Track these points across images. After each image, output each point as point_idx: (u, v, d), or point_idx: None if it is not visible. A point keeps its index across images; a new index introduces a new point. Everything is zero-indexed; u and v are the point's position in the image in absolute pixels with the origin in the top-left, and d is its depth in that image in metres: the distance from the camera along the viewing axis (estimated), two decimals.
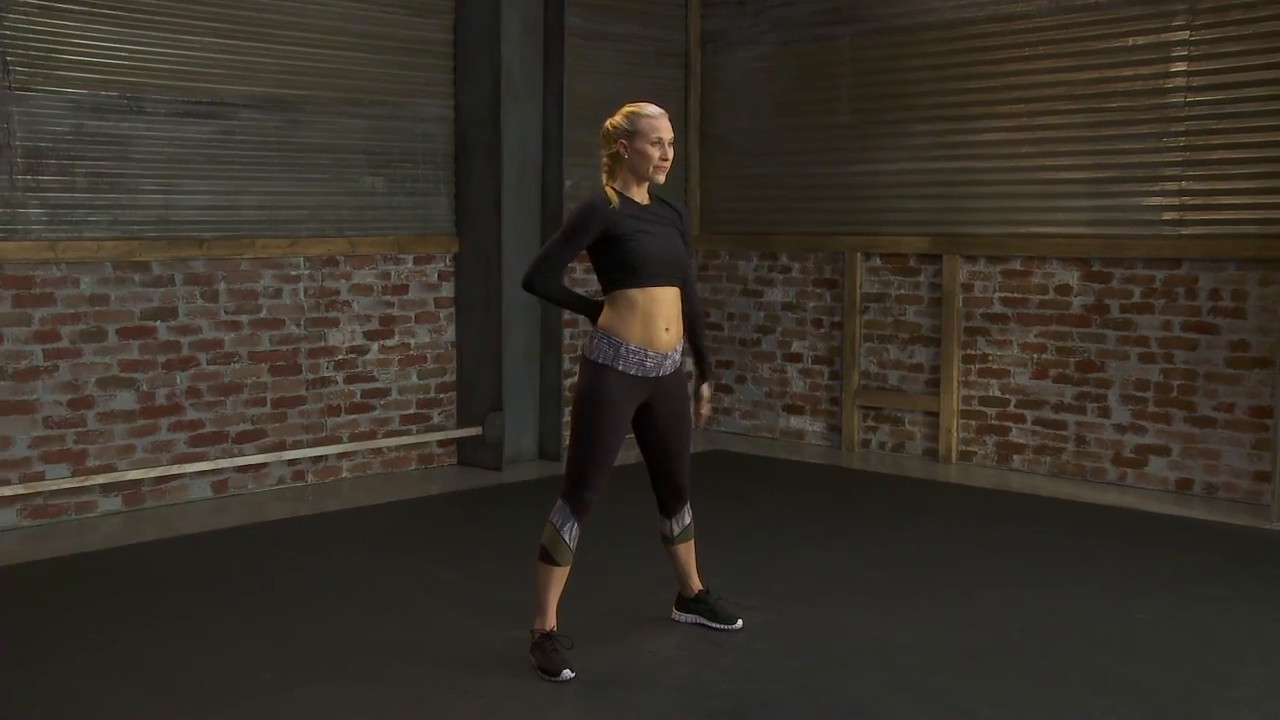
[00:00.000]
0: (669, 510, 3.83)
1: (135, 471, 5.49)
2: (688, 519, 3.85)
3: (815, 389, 7.24)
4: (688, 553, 3.90)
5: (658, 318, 3.53)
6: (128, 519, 5.38)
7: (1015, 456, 6.45)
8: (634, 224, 3.52)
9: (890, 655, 3.74)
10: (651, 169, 3.52)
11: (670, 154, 3.55)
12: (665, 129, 3.53)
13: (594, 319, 3.58)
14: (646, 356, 3.53)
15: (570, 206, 6.66)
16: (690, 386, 3.81)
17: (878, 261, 6.94)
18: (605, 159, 3.59)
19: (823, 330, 7.20)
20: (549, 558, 3.59)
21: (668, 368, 3.61)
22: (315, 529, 5.27)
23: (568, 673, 3.52)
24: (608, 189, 3.55)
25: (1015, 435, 6.45)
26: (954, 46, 6.56)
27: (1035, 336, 6.36)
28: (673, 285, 3.58)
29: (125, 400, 5.50)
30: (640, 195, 3.58)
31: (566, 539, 3.56)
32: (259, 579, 4.52)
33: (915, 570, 4.62)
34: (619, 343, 3.49)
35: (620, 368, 3.51)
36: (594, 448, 3.49)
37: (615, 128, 3.57)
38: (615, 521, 5.13)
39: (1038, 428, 6.37)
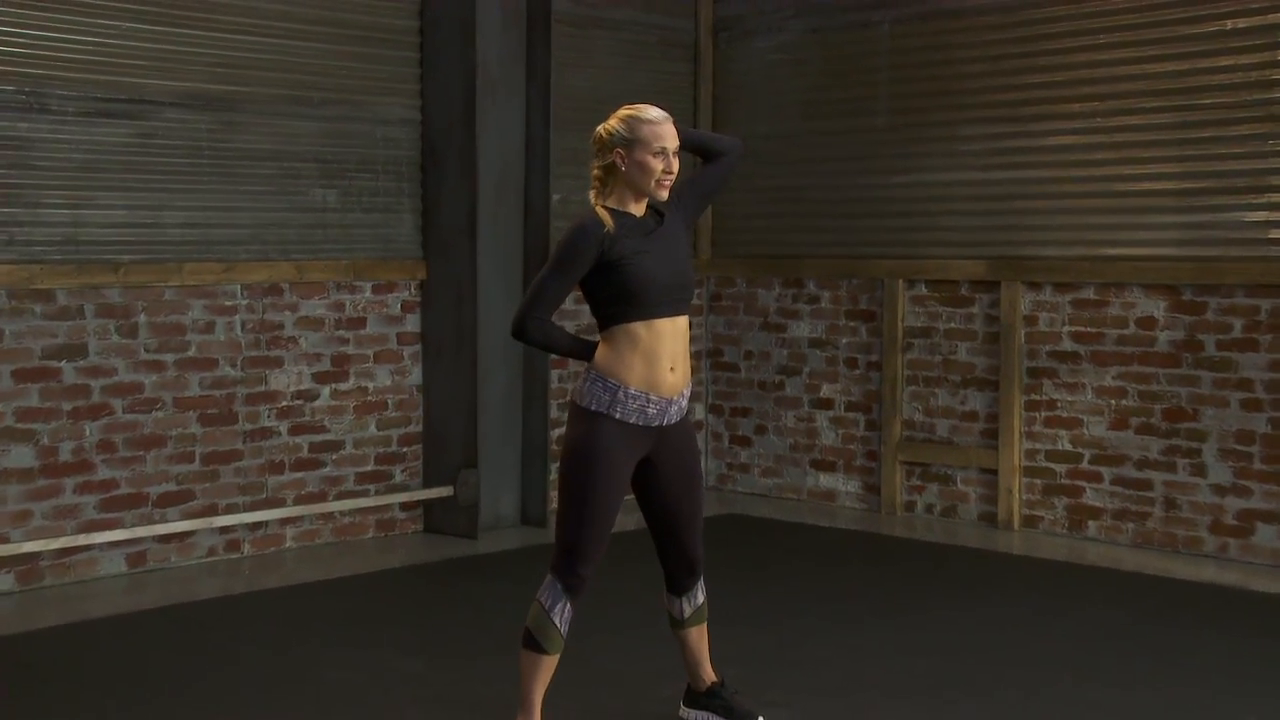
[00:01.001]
0: (679, 587, 3.81)
1: (33, 543, 5.45)
2: (701, 598, 3.84)
3: (849, 441, 7.23)
4: (700, 638, 3.89)
5: (662, 356, 3.54)
6: (23, 600, 5.33)
7: (1090, 523, 6.43)
8: (632, 245, 3.53)
9: None
10: (653, 184, 3.54)
11: (675, 166, 3.57)
12: (670, 137, 3.55)
13: (590, 358, 3.60)
14: (649, 402, 3.54)
15: (558, 231, 6.66)
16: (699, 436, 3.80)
17: (923, 289, 6.94)
18: (596, 171, 3.60)
19: (858, 371, 7.20)
20: (535, 644, 3.58)
21: (673, 415, 3.62)
22: (253, 610, 5.25)
23: None
24: (598, 209, 3.55)
25: (1090, 497, 6.43)
26: (1013, 34, 6.58)
27: (1113, 379, 6.35)
28: (681, 314, 3.59)
29: (22, 456, 5.45)
30: (637, 208, 3.61)
31: (557, 622, 3.55)
32: (184, 672, 4.49)
33: (969, 661, 4.60)
34: (616, 386, 3.51)
35: (618, 415, 3.51)
36: (588, 512, 3.49)
37: (610, 134, 3.57)
38: (613, 598, 5.11)
39: (1117, 488, 6.35)
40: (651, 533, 3.76)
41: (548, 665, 3.59)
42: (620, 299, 3.52)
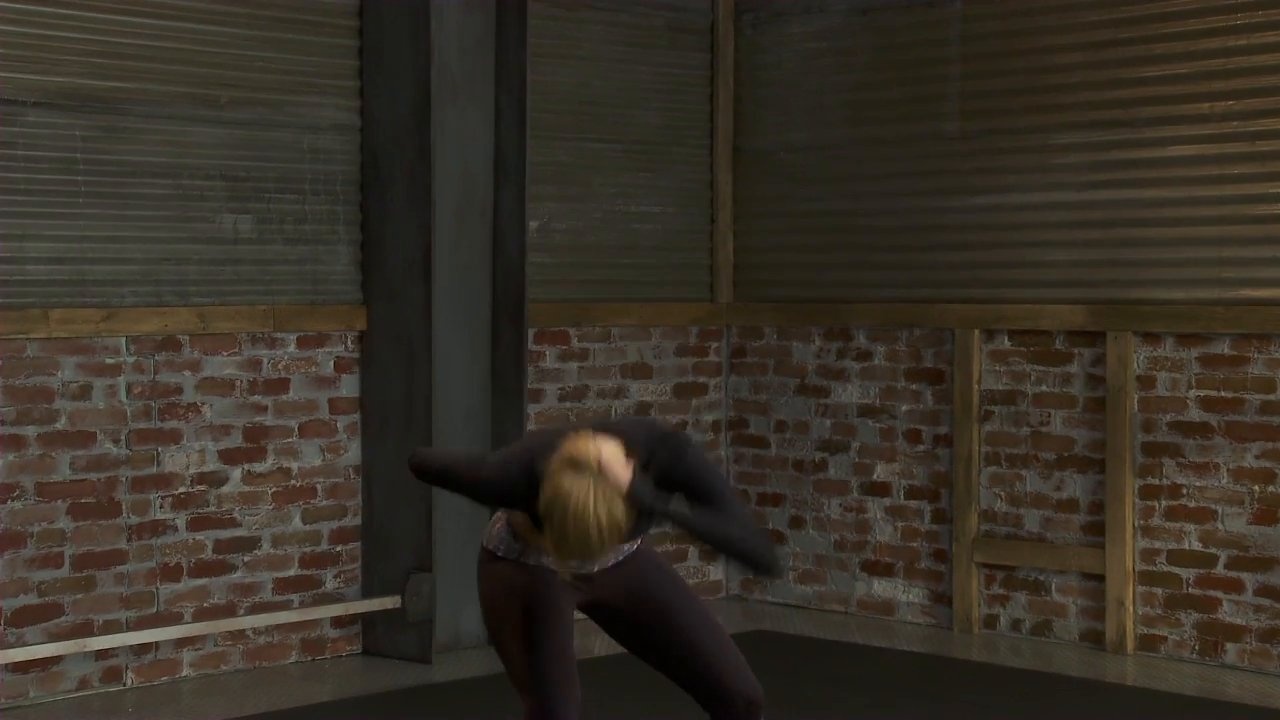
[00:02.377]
0: None
1: None
2: None
3: (911, 538, 7.17)
4: None
5: None
6: None
7: (1229, 646, 6.38)
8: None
9: None
10: None
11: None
12: (586, 562, 3.56)
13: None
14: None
15: (536, 269, 6.63)
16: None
17: (1006, 343, 6.92)
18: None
19: (922, 448, 7.13)
20: None
21: (609, 561, 3.69)
22: None
23: None
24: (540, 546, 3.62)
25: (1228, 612, 6.37)
26: (1122, 14, 6.60)
27: (1256, 458, 6.32)
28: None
29: None
30: None
31: None
32: None
33: None
34: (527, 543, 3.65)
35: (531, 562, 3.65)
36: (535, 651, 3.58)
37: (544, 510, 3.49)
38: None
39: (1265, 600, 6.30)
40: (681, 687, 3.79)
41: None
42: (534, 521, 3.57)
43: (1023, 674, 6.28)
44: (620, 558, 3.71)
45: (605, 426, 3.55)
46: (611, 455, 3.41)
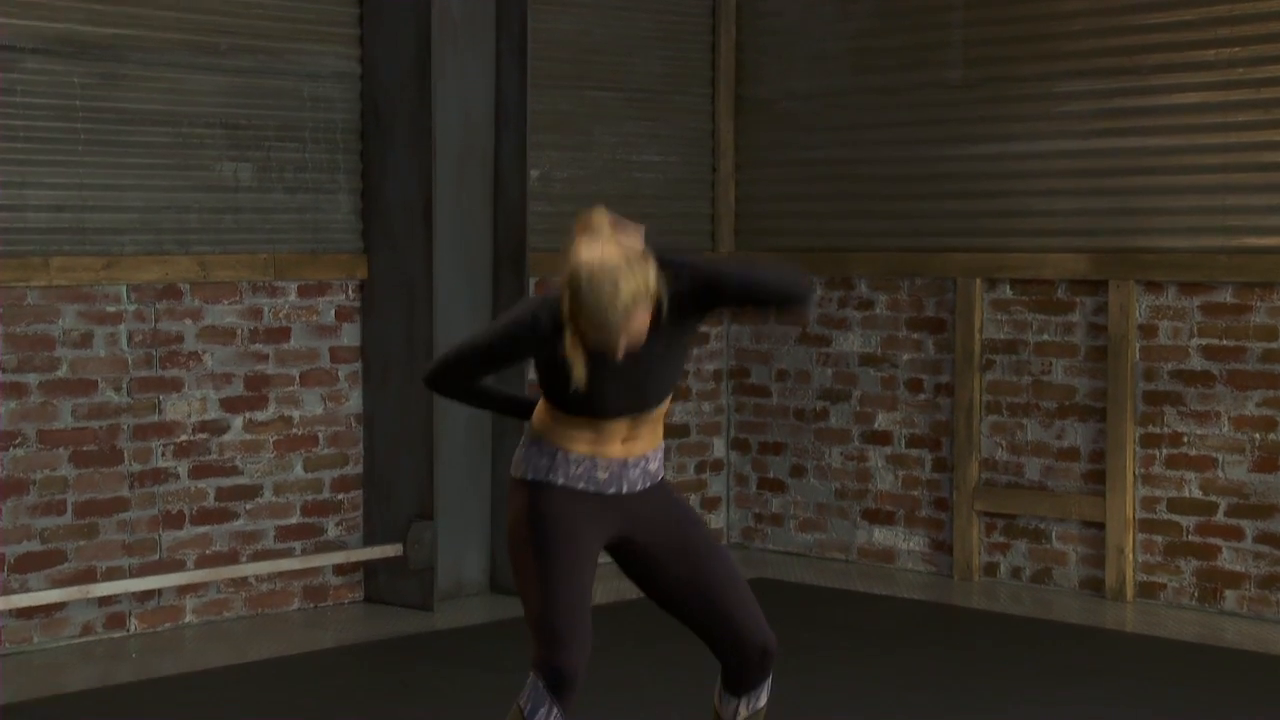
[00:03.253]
0: (743, 684, 3.81)
1: None
2: (763, 700, 3.86)
3: (912, 486, 7.19)
4: None
5: (610, 438, 3.64)
6: None
7: (1229, 593, 6.40)
8: (594, 360, 3.56)
9: None
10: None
11: (628, 340, 3.46)
12: (624, 330, 3.42)
13: (526, 418, 3.72)
14: (596, 466, 3.63)
15: (537, 219, 6.67)
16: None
17: (1007, 292, 6.92)
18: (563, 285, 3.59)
19: (923, 396, 7.15)
20: None
21: (635, 481, 3.68)
22: (142, 705, 5.22)
23: None
24: (567, 335, 3.53)
25: (1227, 559, 6.39)
26: None
27: (1257, 406, 6.33)
28: (647, 412, 3.65)
29: None
30: None
31: None
32: None
33: None
34: (555, 449, 3.62)
35: (560, 482, 3.61)
36: (550, 589, 3.55)
37: (563, 278, 3.48)
38: (608, 686, 5.00)
39: (1264, 548, 6.30)
40: (695, 631, 3.79)
41: None
42: (563, 397, 3.58)
43: (1022, 621, 6.31)
44: (647, 482, 3.67)
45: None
46: (624, 222, 3.46)
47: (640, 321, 3.47)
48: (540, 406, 3.67)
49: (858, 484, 7.39)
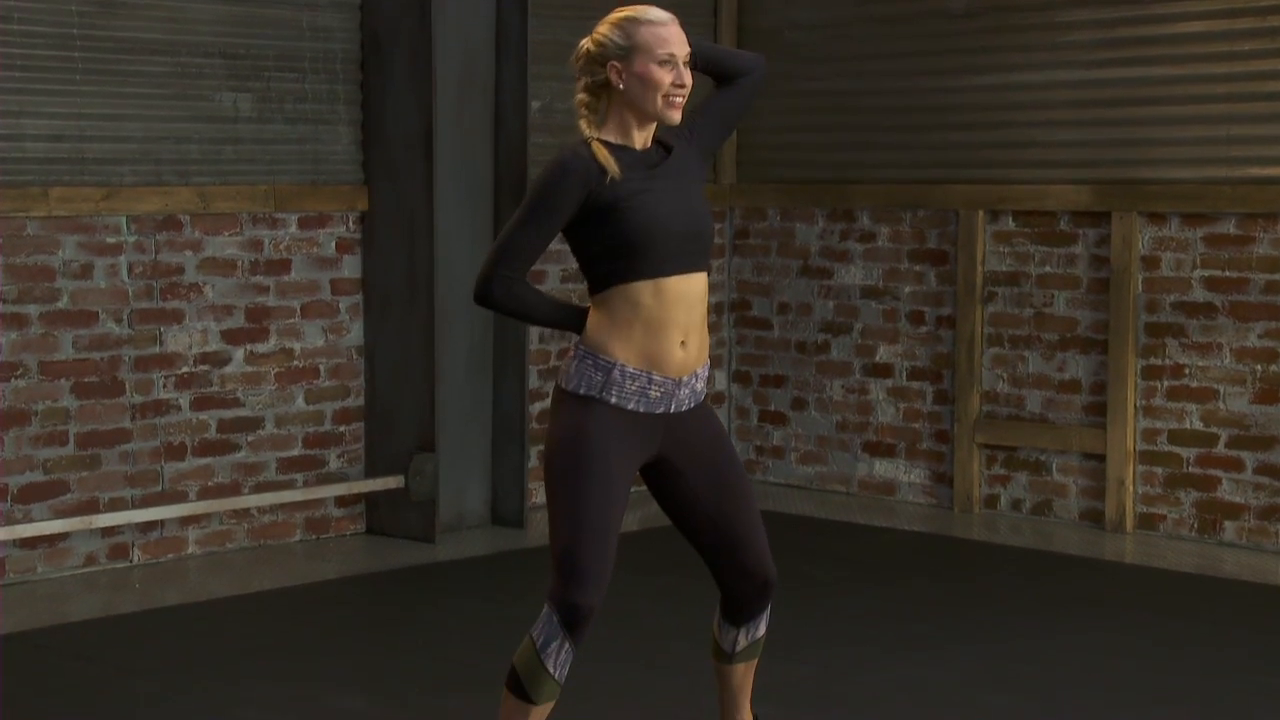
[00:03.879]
0: (742, 615, 3.84)
1: None
2: (762, 629, 3.89)
3: (913, 419, 7.22)
4: (746, 676, 3.93)
5: (670, 326, 3.60)
6: None
7: (1228, 524, 6.43)
8: (632, 184, 3.57)
9: None
10: (661, 102, 3.58)
11: (688, 78, 3.61)
12: (679, 41, 3.61)
13: (578, 329, 3.66)
14: (651, 383, 3.60)
15: (537, 150, 6.64)
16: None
17: (1010, 223, 6.92)
18: (583, 95, 3.63)
19: (924, 329, 7.16)
20: (521, 691, 3.58)
21: (684, 400, 3.66)
22: (145, 634, 5.25)
23: None
24: (591, 142, 3.58)
25: (1227, 491, 6.41)
26: None
27: (1259, 338, 6.34)
28: (698, 271, 3.64)
29: None
30: (640, 138, 3.66)
31: (550, 666, 3.55)
32: (55, 717, 4.46)
33: (1067, 701, 4.58)
34: (611, 364, 3.58)
35: (613, 400, 3.58)
36: (581, 520, 3.53)
37: (601, 45, 3.61)
38: (611, 619, 5.02)
39: (1264, 479, 6.32)
40: (701, 554, 3.80)
41: (535, 717, 3.59)
42: (617, 254, 3.55)
43: (1022, 552, 6.33)
44: (694, 401, 3.65)
45: None
46: None
47: (685, 42, 3.57)
48: (593, 315, 3.61)
49: (859, 417, 7.41)
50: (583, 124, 3.61)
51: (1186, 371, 6.50)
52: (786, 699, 4.44)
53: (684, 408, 3.65)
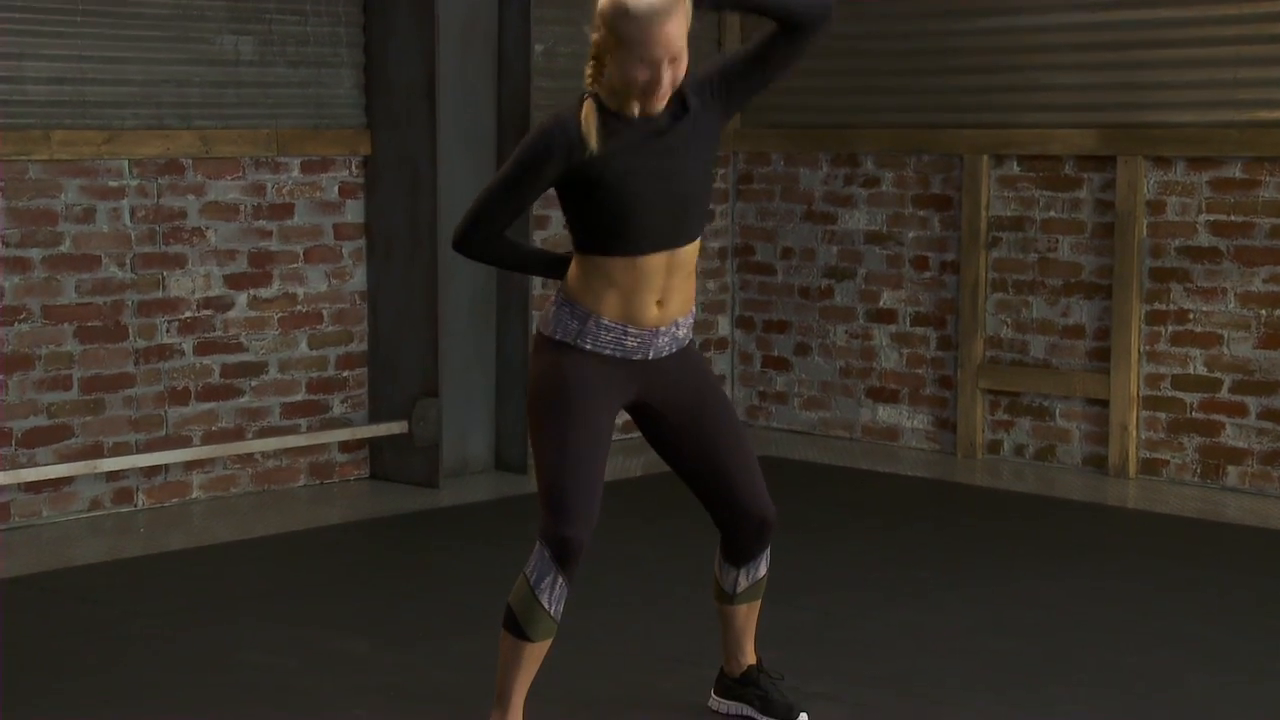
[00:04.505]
0: (742, 555, 3.86)
1: None
2: (763, 570, 3.91)
3: (916, 364, 7.23)
4: (749, 617, 3.97)
5: (646, 292, 3.60)
6: None
7: (1230, 469, 6.44)
8: (619, 161, 3.51)
9: None
10: (640, 97, 3.49)
11: (670, 75, 3.46)
12: (665, 41, 3.42)
13: (560, 276, 3.67)
14: (627, 334, 3.62)
15: (540, 95, 6.62)
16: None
17: (1014, 168, 6.92)
18: (593, 45, 3.56)
19: (928, 274, 7.17)
20: (517, 628, 3.61)
21: (663, 347, 3.68)
22: (150, 578, 5.27)
23: None
24: (584, 103, 3.52)
25: (1230, 436, 6.43)
26: None
27: (1264, 283, 6.34)
28: (681, 246, 3.61)
29: None
30: (638, 107, 3.57)
31: (545, 602, 3.59)
32: (61, 657, 4.50)
33: (1069, 646, 4.59)
34: (587, 314, 3.60)
35: (588, 346, 3.60)
36: (565, 458, 3.56)
37: (596, 28, 3.51)
38: (613, 562, 5.10)
39: (1267, 424, 6.34)
40: (697, 497, 3.81)
41: (533, 654, 3.62)
42: (595, 229, 3.56)
43: (1025, 498, 6.35)
44: (674, 347, 3.66)
45: None
46: None
47: (679, 37, 3.42)
48: (574, 265, 3.62)
49: (862, 362, 7.41)
50: (587, 72, 3.56)
51: (1191, 316, 6.49)
52: (788, 643, 4.46)
53: (663, 354, 3.66)
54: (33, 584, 5.14)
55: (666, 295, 3.60)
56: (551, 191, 3.59)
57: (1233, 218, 6.37)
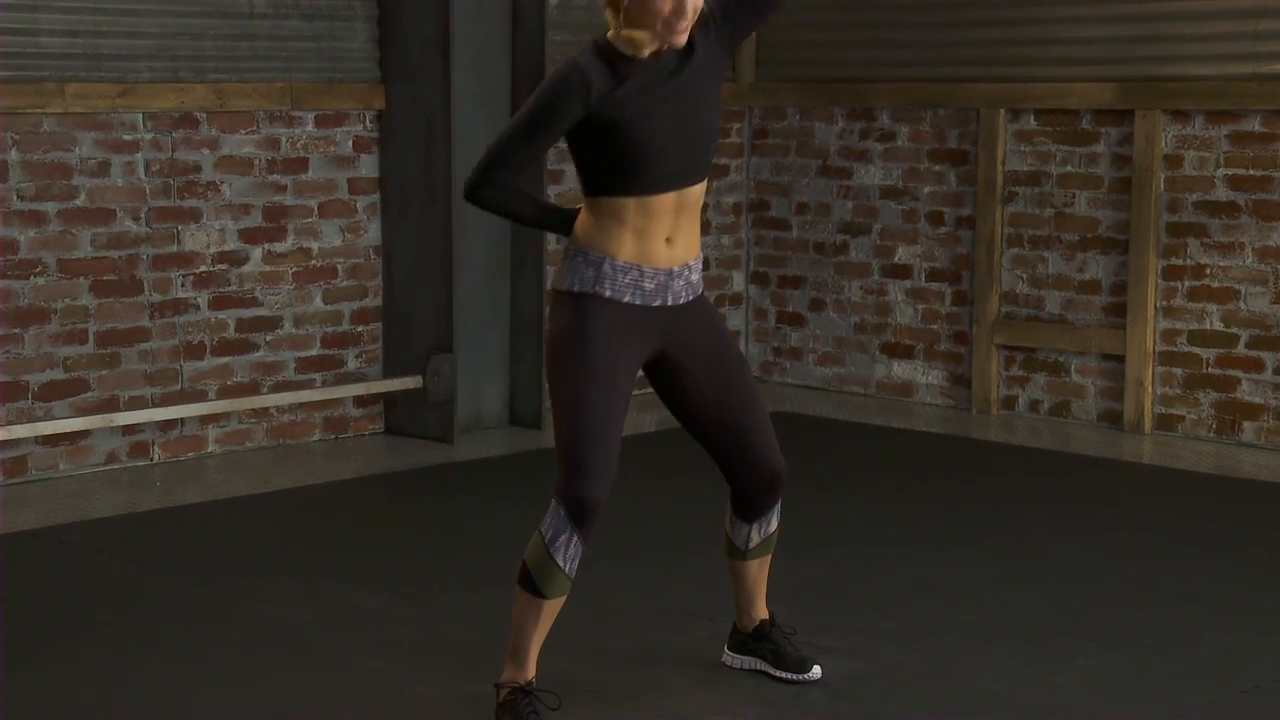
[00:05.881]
0: (752, 510, 3.88)
1: None
2: (774, 525, 3.92)
3: (931, 320, 7.23)
4: (760, 572, 3.98)
5: (656, 230, 3.61)
6: None
7: (1246, 425, 6.45)
8: (635, 103, 3.53)
9: None
10: (662, 29, 3.51)
11: (690, 8, 3.49)
12: None
13: (567, 233, 3.68)
14: (643, 275, 3.62)
15: (555, 48, 6.60)
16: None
17: (1031, 122, 6.90)
18: None
19: (944, 230, 7.16)
20: (532, 585, 3.61)
21: (680, 292, 3.68)
22: (166, 532, 5.30)
23: None
24: (606, 39, 3.56)
25: (1246, 391, 6.44)
26: None
27: None
28: (692, 185, 3.63)
29: None
30: (654, 46, 3.59)
31: (560, 561, 3.59)
32: (78, 610, 4.52)
33: (1083, 601, 4.61)
34: (600, 259, 3.59)
35: (608, 293, 3.59)
36: (584, 415, 3.56)
37: None
38: (625, 517, 5.11)
39: None
40: (709, 452, 3.82)
41: (548, 611, 3.63)
42: (609, 170, 3.56)
43: (1040, 453, 6.36)
44: (690, 294, 3.65)
45: None
46: None
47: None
48: (583, 215, 3.62)
49: (877, 318, 7.41)
50: (608, 12, 3.56)
51: (1208, 272, 6.48)
52: (801, 598, 4.47)
53: (680, 300, 3.66)
54: (50, 536, 5.17)
55: (675, 234, 3.61)
56: (564, 144, 3.59)
57: (1251, 172, 6.34)
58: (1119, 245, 6.69)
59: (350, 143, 6.52)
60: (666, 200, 3.57)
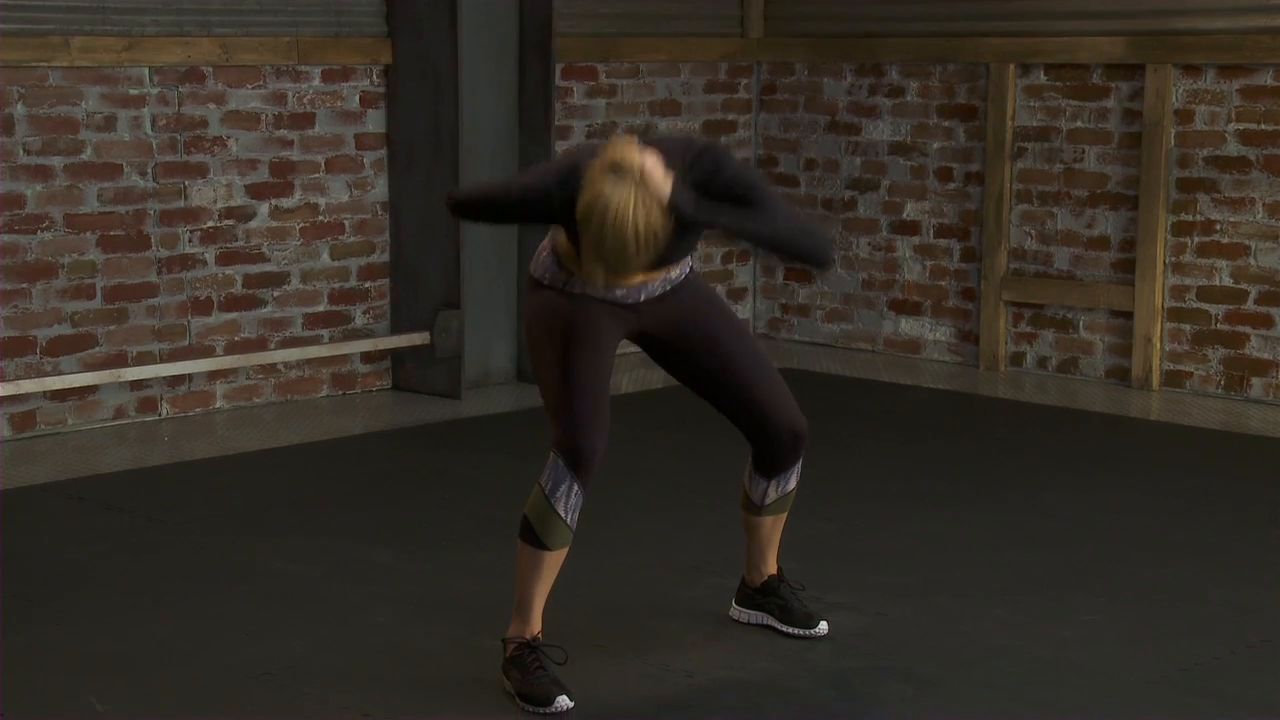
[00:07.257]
0: (774, 467, 3.88)
1: None
2: (793, 483, 3.93)
3: (940, 276, 7.22)
4: (774, 529, 3.99)
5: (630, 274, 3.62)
6: None
7: (1255, 381, 6.43)
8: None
9: (1051, 682, 3.71)
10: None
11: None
12: (629, 271, 3.41)
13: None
14: (612, 289, 3.64)
15: (563, 3, 6.50)
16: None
17: (1041, 77, 6.88)
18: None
19: (952, 185, 7.13)
20: (534, 538, 3.63)
21: (655, 289, 3.69)
22: (175, 487, 5.30)
23: (564, 700, 3.57)
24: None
25: (1255, 348, 6.43)
26: None
27: None
28: (657, 269, 3.65)
29: None
30: None
31: (560, 510, 3.60)
32: (87, 565, 4.53)
33: (1090, 557, 4.61)
34: (574, 273, 3.62)
35: (578, 291, 3.63)
36: (570, 380, 3.60)
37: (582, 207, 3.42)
38: (632, 473, 5.11)
39: None
40: (727, 417, 3.83)
41: (551, 563, 3.63)
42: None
43: (1048, 410, 6.36)
44: (667, 287, 3.69)
45: (645, 142, 3.44)
46: (653, 165, 3.32)
47: (648, 262, 3.40)
48: (562, 231, 3.62)
49: (885, 274, 7.40)
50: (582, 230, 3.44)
51: (1217, 227, 6.46)
52: (810, 554, 4.48)
53: (655, 294, 3.67)
54: (59, 491, 5.18)
55: (649, 276, 3.62)
56: (571, 104, 3.58)
57: (1263, 126, 6.32)
58: (1128, 201, 6.66)
59: (357, 98, 6.49)
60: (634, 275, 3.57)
